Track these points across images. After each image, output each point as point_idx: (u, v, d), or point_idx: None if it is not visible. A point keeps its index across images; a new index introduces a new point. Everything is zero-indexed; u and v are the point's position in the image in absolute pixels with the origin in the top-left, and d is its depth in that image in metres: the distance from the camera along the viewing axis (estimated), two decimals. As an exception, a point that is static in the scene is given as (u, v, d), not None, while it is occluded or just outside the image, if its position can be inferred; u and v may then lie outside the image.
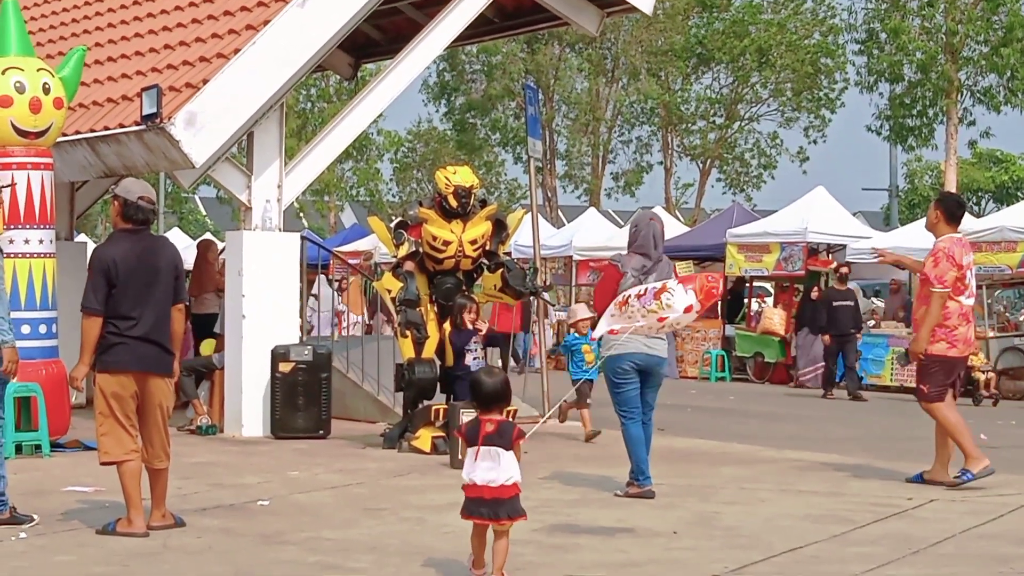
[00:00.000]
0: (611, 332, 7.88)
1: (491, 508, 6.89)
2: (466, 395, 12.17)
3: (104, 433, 8.35)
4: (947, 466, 10.75)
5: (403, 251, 12.72)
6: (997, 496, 10.26)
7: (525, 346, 26.47)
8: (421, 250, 12.74)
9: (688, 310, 7.53)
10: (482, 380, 7.15)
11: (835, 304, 21.53)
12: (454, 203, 12.48)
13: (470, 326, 12.64)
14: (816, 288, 23.94)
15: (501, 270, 12.91)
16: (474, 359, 12.64)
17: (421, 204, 12.92)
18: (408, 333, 12.53)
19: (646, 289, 7.68)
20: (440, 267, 12.76)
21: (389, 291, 12.69)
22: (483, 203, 12.99)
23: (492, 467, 6.87)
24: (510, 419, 7.12)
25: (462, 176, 12.59)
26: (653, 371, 10.15)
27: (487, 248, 12.88)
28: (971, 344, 10.87)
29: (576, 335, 13.97)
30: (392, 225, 13.04)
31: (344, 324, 21.58)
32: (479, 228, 12.72)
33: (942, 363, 10.66)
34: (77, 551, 7.89)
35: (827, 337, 21.59)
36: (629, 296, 7.51)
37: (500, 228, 12.96)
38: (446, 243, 12.60)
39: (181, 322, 8.62)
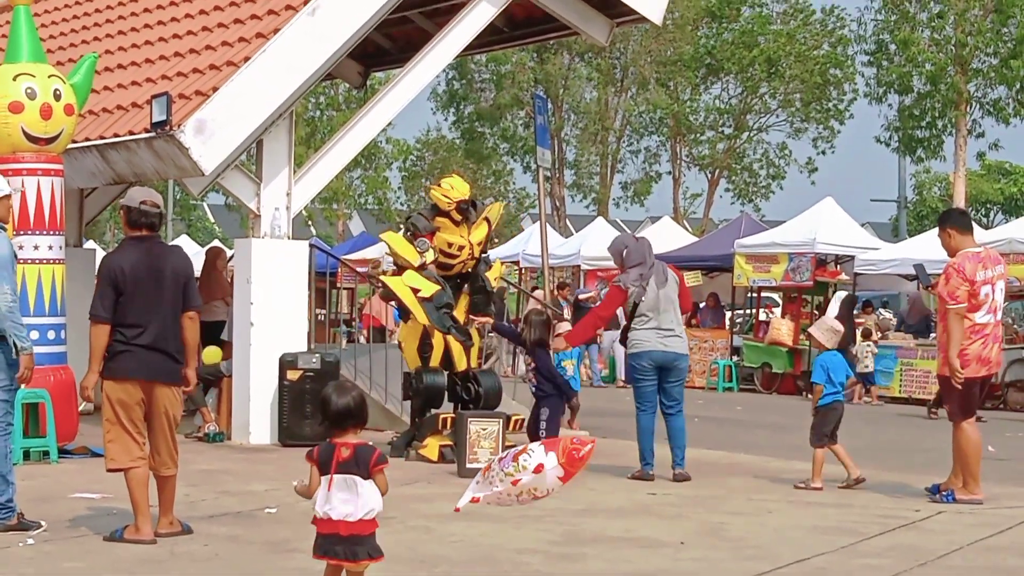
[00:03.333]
0: (473, 500, 7.15)
1: (348, 547, 6.01)
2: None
3: (111, 440, 8.36)
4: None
5: (429, 257, 12.70)
6: (1005, 508, 10.25)
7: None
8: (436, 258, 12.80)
9: (539, 469, 6.86)
10: (331, 398, 6.09)
11: None
12: (458, 217, 12.62)
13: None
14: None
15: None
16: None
17: (423, 215, 12.88)
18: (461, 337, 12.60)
19: (507, 452, 7.26)
20: (449, 272, 12.78)
21: (417, 290, 12.56)
22: (473, 205, 13.03)
23: (349, 499, 5.97)
24: (368, 442, 6.11)
25: (459, 190, 12.66)
26: (671, 367, 11.52)
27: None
28: (987, 363, 10.40)
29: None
30: (408, 235, 12.93)
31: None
32: (482, 230, 12.89)
33: (955, 383, 10.42)
34: (85, 558, 7.90)
35: None
36: (492, 461, 7.03)
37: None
38: (460, 248, 12.72)
39: (194, 330, 8.54)
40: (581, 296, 25.04)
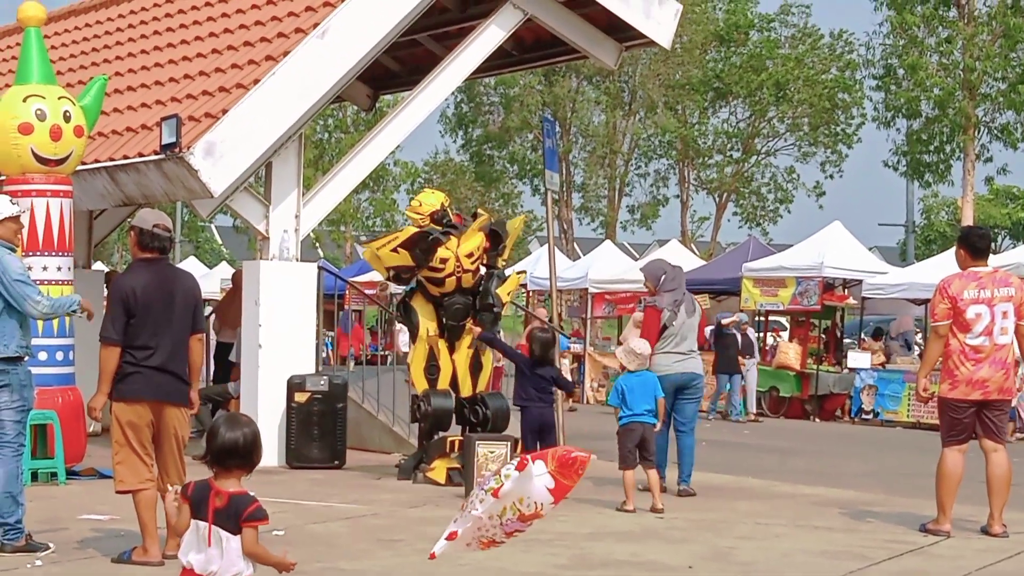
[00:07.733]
0: (450, 537, 6.25)
1: None
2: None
3: (120, 462, 8.38)
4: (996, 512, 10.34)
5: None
6: (1013, 534, 10.20)
7: None
8: (420, 277, 12.70)
9: (521, 466, 6.04)
10: (219, 430, 5.25)
11: None
12: (439, 228, 12.52)
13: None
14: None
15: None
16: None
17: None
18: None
19: (488, 474, 6.69)
20: (442, 288, 12.69)
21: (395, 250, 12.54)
22: (474, 215, 12.98)
23: (215, 555, 5.15)
24: (249, 492, 5.25)
25: (428, 204, 12.65)
26: (689, 385, 12.13)
27: (485, 262, 12.86)
28: (979, 386, 10.05)
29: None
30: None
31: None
32: (473, 240, 12.64)
33: (944, 404, 10.31)
34: (92, 579, 7.90)
35: None
36: (473, 491, 6.32)
37: (496, 239, 12.92)
38: (443, 260, 12.53)
39: (200, 352, 8.69)
40: (724, 321, 23.92)
